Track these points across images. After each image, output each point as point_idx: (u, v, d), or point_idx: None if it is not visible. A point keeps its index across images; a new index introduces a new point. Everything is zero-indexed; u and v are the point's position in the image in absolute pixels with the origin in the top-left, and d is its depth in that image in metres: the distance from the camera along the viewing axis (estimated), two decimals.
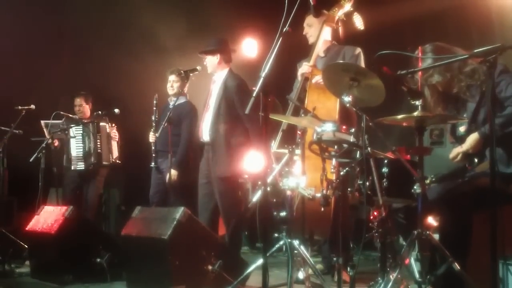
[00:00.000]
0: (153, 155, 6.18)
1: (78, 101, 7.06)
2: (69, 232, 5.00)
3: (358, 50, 5.13)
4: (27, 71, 7.29)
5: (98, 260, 4.96)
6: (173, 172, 6.09)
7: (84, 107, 7.06)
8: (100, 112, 6.69)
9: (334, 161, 3.96)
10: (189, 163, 6.27)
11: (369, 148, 3.65)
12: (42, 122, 6.78)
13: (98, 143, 6.83)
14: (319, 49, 5.20)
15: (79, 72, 7.45)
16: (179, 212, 4.48)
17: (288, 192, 4.19)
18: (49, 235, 5.03)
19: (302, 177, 4.11)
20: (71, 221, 5.06)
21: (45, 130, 6.72)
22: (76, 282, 4.82)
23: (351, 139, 3.76)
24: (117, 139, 7.02)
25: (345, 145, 3.82)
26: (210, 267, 4.40)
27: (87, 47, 7.56)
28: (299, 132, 4.28)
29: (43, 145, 6.34)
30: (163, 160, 6.25)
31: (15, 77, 7.21)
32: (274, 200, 4.41)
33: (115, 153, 6.98)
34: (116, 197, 7.41)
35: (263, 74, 3.81)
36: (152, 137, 6.19)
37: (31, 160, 6.28)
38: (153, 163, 6.18)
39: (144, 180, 6.43)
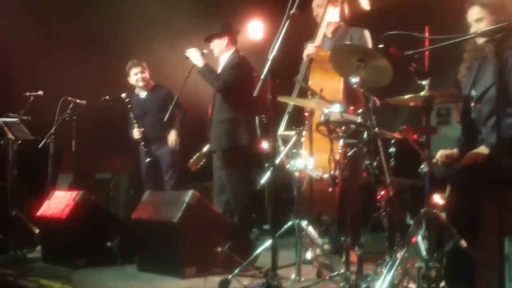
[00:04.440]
0: (145, 149, 6.35)
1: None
2: (80, 216, 5.06)
3: (365, 31, 5.12)
4: (35, 56, 7.30)
5: (109, 244, 5.01)
6: (173, 133, 6.45)
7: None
8: (107, 97, 6.71)
9: (341, 142, 3.97)
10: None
11: (376, 129, 3.68)
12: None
13: None
14: (325, 30, 5.18)
15: (87, 59, 7.45)
16: (189, 195, 4.52)
17: (296, 174, 4.22)
18: (60, 220, 5.09)
19: (310, 159, 4.14)
20: (82, 205, 5.11)
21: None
22: (88, 266, 4.85)
23: (359, 119, 3.77)
24: None
25: (352, 126, 3.83)
26: (219, 249, 4.46)
27: (93, 33, 7.55)
28: (306, 114, 4.29)
29: (52, 131, 6.37)
30: (158, 146, 6.48)
31: (23, 63, 7.23)
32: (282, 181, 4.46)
33: None
34: (124, 182, 7.46)
35: (271, 56, 3.83)
36: (137, 133, 6.37)
37: (40, 146, 6.33)
38: (149, 158, 6.35)
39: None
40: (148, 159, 6.44)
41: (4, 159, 6.52)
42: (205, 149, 5.88)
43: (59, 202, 5.33)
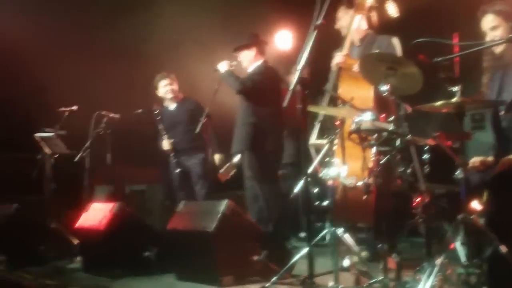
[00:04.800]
0: (175, 160, 6.46)
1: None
2: (117, 227, 5.15)
3: (394, 38, 5.14)
4: (69, 72, 7.48)
5: (146, 254, 5.10)
6: (218, 156, 6.55)
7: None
8: (140, 110, 6.84)
9: (374, 149, 4.00)
10: None
11: (409, 136, 3.71)
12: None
13: None
14: (353, 38, 5.22)
15: (119, 73, 7.59)
16: (224, 204, 4.58)
17: (330, 182, 4.26)
18: (98, 231, 5.19)
19: (343, 167, 4.18)
20: (119, 217, 5.21)
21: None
22: (127, 276, 4.94)
23: (391, 127, 3.80)
24: None
25: (384, 134, 3.86)
26: (256, 258, 4.51)
27: (125, 47, 7.69)
28: (337, 122, 4.33)
29: (87, 144, 6.52)
30: (188, 157, 6.61)
31: (57, 79, 7.41)
32: (316, 190, 4.50)
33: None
34: (159, 193, 7.57)
35: (300, 66, 3.89)
36: (167, 144, 6.48)
37: (76, 159, 6.48)
38: (179, 169, 6.45)
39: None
40: (178, 170, 6.55)
41: (42, 173, 6.70)
42: (236, 159, 5.96)
43: (96, 213, 5.45)
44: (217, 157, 6.65)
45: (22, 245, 5.78)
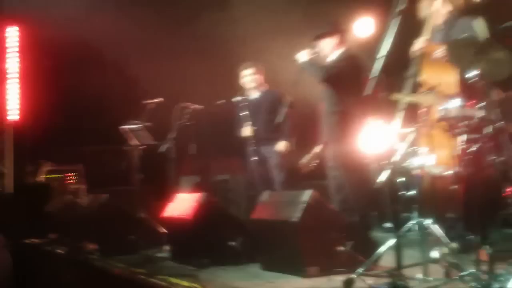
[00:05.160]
0: (254, 148, 6.48)
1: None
2: (203, 217, 5.24)
3: (478, 20, 4.92)
4: (154, 65, 7.67)
5: (232, 243, 5.16)
6: (283, 143, 6.50)
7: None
8: (222, 100, 6.92)
9: (462, 137, 3.87)
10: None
11: (501, 122, 3.55)
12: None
13: None
14: (435, 22, 5.04)
15: (202, 65, 7.71)
16: (308, 194, 4.57)
17: (416, 172, 4.15)
18: (185, 221, 5.30)
19: (430, 156, 4.06)
20: (205, 207, 5.30)
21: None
22: (213, 265, 5.01)
23: (481, 114, 3.66)
24: None
25: (474, 120, 3.72)
26: (341, 248, 4.47)
27: (207, 38, 7.80)
28: (423, 110, 4.22)
29: (172, 135, 6.67)
30: (267, 146, 6.59)
31: (143, 72, 7.62)
32: (402, 179, 4.40)
33: None
34: (242, 182, 7.65)
35: (382, 54, 3.80)
36: (248, 131, 6.50)
37: (162, 150, 6.64)
38: (255, 157, 6.48)
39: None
40: (254, 158, 6.60)
41: (130, 164, 6.92)
42: (317, 149, 5.92)
43: (182, 204, 5.57)
44: (282, 144, 6.60)
45: (113, 234, 6.01)
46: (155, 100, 7.07)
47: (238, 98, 6.81)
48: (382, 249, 4.06)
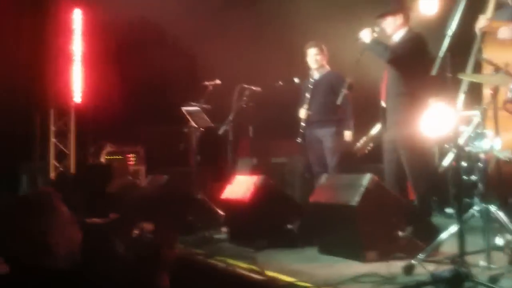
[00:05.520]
0: (301, 131, 6.41)
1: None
2: (261, 200, 5.23)
3: None
4: (212, 48, 7.69)
5: (289, 226, 5.14)
6: (348, 133, 6.39)
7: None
8: (280, 82, 6.87)
9: None
10: None
11: None
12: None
13: None
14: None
15: (260, 47, 7.68)
16: (367, 178, 4.49)
17: (481, 156, 4.01)
18: (242, 203, 5.32)
19: (496, 139, 3.91)
20: (262, 189, 5.29)
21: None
22: (270, 247, 5.01)
23: None
24: None
25: None
26: (401, 233, 4.38)
27: (266, 21, 7.76)
28: (489, 91, 4.05)
29: (230, 117, 6.68)
30: (320, 129, 6.53)
31: (201, 54, 7.65)
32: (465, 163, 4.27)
33: None
34: (299, 165, 7.61)
35: (449, 32, 3.66)
36: (304, 113, 6.42)
37: (219, 132, 6.66)
38: (299, 139, 6.41)
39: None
40: (299, 139, 6.54)
41: (188, 145, 6.98)
42: (373, 132, 5.80)
43: (240, 186, 5.58)
44: (348, 134, 6.50)
45: (172, 215, 6.07)
46: (214, 82, 7.09)
47: (296, 80, 6.74)
48: (443, 235, 3.95)
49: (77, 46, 9.54)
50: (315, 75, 6.78)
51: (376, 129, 5.82)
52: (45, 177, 9.33)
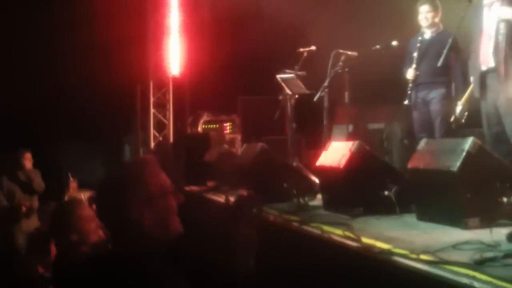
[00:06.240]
0: (409, 92, 6.16)
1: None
2: (356, 166, 5.12)
3: None
4: (305, 13, 7.58)
5: (386, 193, 5.01)
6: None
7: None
8: (378, 46, 6.66)
9: None
10: None
11: None
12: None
13: None
14: None
15: (356, 9, 7.49)
16: (469, 142, 4.28)
17: None
18: (338, 170, 5.22)
19: None
20: (358, 156, 5.17)
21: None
22: (367, 214, 4.91)
23: None
24: None
25: None
26: (505, 199, 4.15)
27: None
28: None
29: (325, 84, 6.57)
30: (429, 91, 6.32)
31: (296, 21, 7.56)
32: None
33: None
34: (397, 131, 7.41)
35: None
36: (411, 73, 6.16)
37: (315, 99, 6.57)
38: (406, 101, 6.16)
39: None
40: (406, 102, 6.31)
41: (283, 113, 6.95)
42: (467, 97, 5.52)
43: (336, 152, 5.48)
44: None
45: (267, 183, 6.11)
46: (309, 48, 7.00)
47: (394, 43, 6.50)
48: None
49: (174, 19, 9.73)
50: (426, 34, 6.49)
51: (468, 94, 5.53)
52: (147, 148, 9.68)
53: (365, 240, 3.97)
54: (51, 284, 3.88)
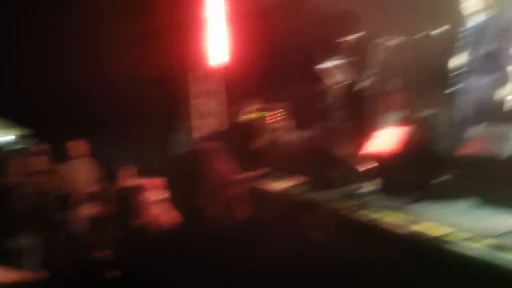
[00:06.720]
0: (465, 79, 6.11)
1: None
2: (411, 152, 5.16)
3: None
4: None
5: (442, 178, 5.02)
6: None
7: None
8: (424, 33, 6.63)
9: None
10: None
11: None
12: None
13: None
14: None
15: None
16: None
17: None
18: (392, 155, 5.27)
19: None
20: (412, 141, 5.21)
21: None
22: (422, 200, 4.94)
23: None
24: None
25: None
26: None
27: None
28: None
29: (373, 71, 6.57)
30: (480, 77, 6.07)
31: (343, 7, 7.55)
32: None
33: None
34: (447, 117, 7.35)
35: None
36: (461, 59, 6.11)
37: (363, 86, 6.59)
38: (454, 88, 6.12)
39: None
40: (465, 90, 6.26)
41: (332, 101, 6.98)
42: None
43: (385, 140, 5.53)
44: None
45: (316, 170, 6.18)
46: (355, 36, 6.99)
47: (442, 29, 6.44)
48: None
49: (220, 8, 9.81)
50: (477, 18, 6.36)
51: None
52: (189, 137, 9.80)
53: (422, 225, 4.01)
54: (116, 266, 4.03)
